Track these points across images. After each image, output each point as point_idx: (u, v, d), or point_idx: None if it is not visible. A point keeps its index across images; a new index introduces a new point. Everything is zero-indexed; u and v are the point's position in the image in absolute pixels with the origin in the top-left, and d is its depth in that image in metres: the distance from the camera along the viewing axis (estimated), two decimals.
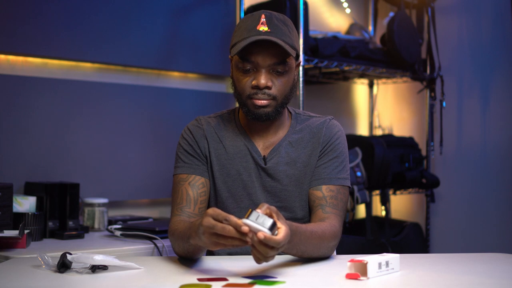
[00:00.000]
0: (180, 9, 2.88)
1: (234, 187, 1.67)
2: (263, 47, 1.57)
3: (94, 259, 1.36)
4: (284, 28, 1.60)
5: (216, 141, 1.70)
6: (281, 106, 1.63)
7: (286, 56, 1.59)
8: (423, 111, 3.56)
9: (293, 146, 1.69)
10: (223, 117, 1.75)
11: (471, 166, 3.41)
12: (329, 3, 3.54)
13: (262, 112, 1.61)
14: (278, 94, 1.61)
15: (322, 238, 1.51)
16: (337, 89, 3.68)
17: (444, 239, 3.48)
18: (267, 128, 1.69)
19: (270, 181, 1.67)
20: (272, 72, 1.60)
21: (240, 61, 1.60)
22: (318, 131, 1.70)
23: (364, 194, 2.93)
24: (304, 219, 1.69)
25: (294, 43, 1.61)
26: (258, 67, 1.59)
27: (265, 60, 1.58)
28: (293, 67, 1.64)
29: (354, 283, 1.27)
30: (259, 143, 1.69)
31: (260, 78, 1.58)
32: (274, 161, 1.67)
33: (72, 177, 2.46)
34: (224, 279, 1.29)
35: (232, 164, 1.67)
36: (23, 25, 2.38)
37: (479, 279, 1.33)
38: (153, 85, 2.82)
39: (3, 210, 2.00)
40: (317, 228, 1.51)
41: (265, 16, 1.59)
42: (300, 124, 1.72)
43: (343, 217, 1.65)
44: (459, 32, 3.49)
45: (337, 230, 1.59)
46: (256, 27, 1.57)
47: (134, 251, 2.04)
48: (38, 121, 2.44)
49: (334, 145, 1.69)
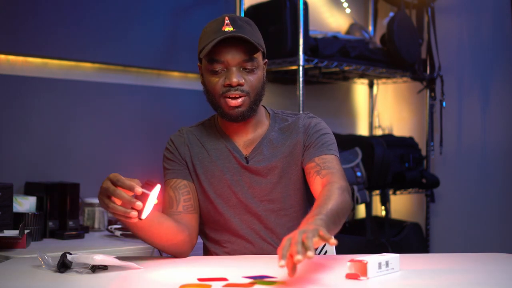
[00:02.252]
0: (180, 9, 2.88)
1: (220, 188, 1.69)
2: (231, 46, 1.60)
3: (94, 259, 1.36)
4: (248, 27, 1.64)
5: (198, 146, 1.73)
6: (254, 103, 1.65)
7: (254, 52, 1.62)
8: (423, 111, 3.56)
9: (273, 143, 1.71)
10: (204, 125, 1.79)
11: (471, 166, 3.41)
12: (329, 3, 3.54)
13: (238, 113, 1.63)
14: (250, 90, 1.63)
15: (341, 199, 1.48)
16: (337, 89, 3.68)
17: (444, 239, 3.48)
18: (245, 127, 1.71)
19: (253, 177, 1.69)
20: (242, 70, 1.62)
21: (209, 64, 1.63)
22: (296, 125, 1.73)
23: (364, 194, 2.93)
24: (291, 208, 1.71)
25: (260, 41, 1.65)
26: (228, 66, 1.61)
27: (235, 58, 1.60)
28: (261, 65, 1.67)
29: (354, 283, 1.27)
30: (240, 143, 1.72)
31: (231, 77, 1.61)
32: (256, 159, 1.69)
33: (72, 177, 2.46)
34: (224, 279, 1.29)
35: (215, 166, 1.70)
36: (23, 25, 2.38)
37: (479, 279, 1.33)
38: (153, 85, 2.82)
39: (3, 210, 2.00)
40: (329, 194, 1.48)
41: (228, 18, 1.63)
42: (279, 124, 1.75)
43: (342, 175, 1.63)
44: (459, 32, 3.49)
45: (342, 185, 1.56)
46: (221, 29, 1.60)
47: (134, 251, 2.04)
48: (38, 121, 2.44)
49: (317, 128, 1.71)
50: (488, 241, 3.29)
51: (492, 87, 3.36)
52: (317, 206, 1.43)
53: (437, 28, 3.35)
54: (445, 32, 3.43)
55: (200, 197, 1.71)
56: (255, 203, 1.69)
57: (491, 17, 3.37)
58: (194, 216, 1.68)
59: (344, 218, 1.49)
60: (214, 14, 2.98)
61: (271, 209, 1.69)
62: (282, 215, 1.70)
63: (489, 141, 3.34)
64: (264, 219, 1.69)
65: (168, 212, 1.65)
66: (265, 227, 1.69)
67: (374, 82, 3.74)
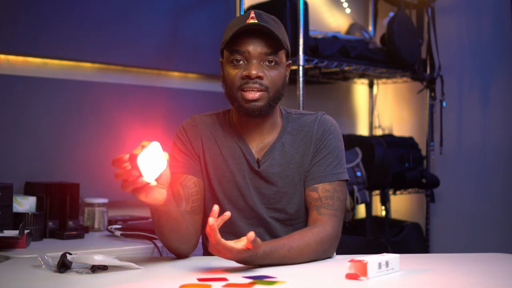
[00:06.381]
0: (180, 9, 2.88)
1: (228, 189, 1.67)
2: (254, 37, 1.57)
3: (94, 259, 1.36)
4: (274, 24, 1.60)
5: (211, 141, 1.69)
6: (273, 100, 1.61)
7: (277, 47, 1.58)
8: (423, 111, 3.56)
9: (286, 147, 1.68)
10: (218, 117, 1.74)
11: (471, 166, 3.41)
12: (329, 3, 3.54)
13: (254, 107, 1.58)
14: (270, 85, 1.59)
15: (304, 250, 1.51)
16: (337, 89, 3.68)
17: (444, 239, 3.48)
18: (260, 128, 1.67)
19: (263, 184, 1.66)
20: (263, 64, 1.58)
21: (230, 54, 1.59)
22: (309, 129, 1.69)
23: (364, 194, 2.93)
24: (298, 219, 1.69)
25: (285, 39, 1.61)
26: (249, 57, 1.57)
27: (256, 49, 1.57)
28: (284, 63, 1.63)
29: (354, 283, 1.27)
30: (253, 145, 1.68)
31: (251, 68, 1.56)
32: (268, 164, 1.66)
33: (72, 177, 2.46)
34: (224, 279, 1.29)
35: (226, 166, 1.67)
36: (23, 25, 2.38)
37: (479, 279, 1.33)
38: (153, 85, 2.82)
39: (3, 210, 2.00)
40: (299, 241, 1.51)
41: (254, 12, 1.60)
42: (291, 124, 1.71)
43: (340, 216, 1.64)
44: (459, 32, 3.49)
45: (330, 233, 1.58)
46: (245, 21, 1.57)
47: (134, 251, 2.04)
48: (38, 121, 2.44)
49: (327, 142, 1.67)
50: (488, 241, 3.29)
51: (492, 87, 3.36)
52: (285, 239, 1.50)
53: (437, 28, 3.35)
54: (445, 32, 3.43)
55: (207, 195, 1.69)
56: (262, 209, 1.67)
57: (491, 17, 3.37)
58: (199, 217, 1.67)
59: (303, 260, 1.52)
60: (214, 14, 2.98)
61: (277, 218, 1.68)
62: (288, 225, 1.68)
63: (489, 141, 3.34)
64: (270, 226, 1.67)
65: None
66: (269, 233, 1.68)
67: (374, 82, 3.74)
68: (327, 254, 1.59)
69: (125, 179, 1.30)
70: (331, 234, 1.58)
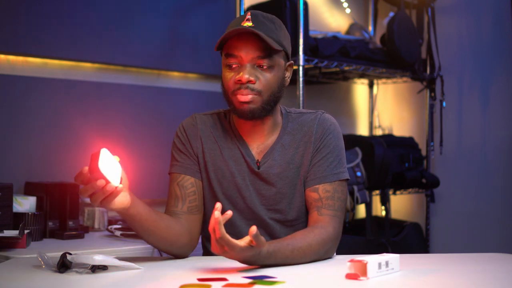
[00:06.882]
0: (180, 9, 2.88)
1: (229, 190, 1.67)
2: (247, 41, 1.56)
3: (94, 259, 1.36)
4: (271, 25, 1.59)
5: (212, 141, 1.69)
6: (267, 103, 1.60)
7: (271, 51, 1.57)
8: (423, 111, 3.56)
9: (285, 148, 1.67)
10: (219, 116, 1.73)
11: (471, 166, 3.41)
12: (329, 3, 3.54)
13: (247, 109, 1.57)
14: (263, 89, 1.57)
15: (307, 251, 1.51)
16: (337, 89, 3.68)
17: (444, 239, 3.48)
18: (260, 129, 1.67)
19: (263, 185, 1.66)
20: (256, 67, 1.57)
21: (225, 58, 1.59)
22: (309, 129, 1.68)
23: (364, 194, 2.93)
24: (298, 220, 1.69)
25: (282, 41, 1.60)
26: (241, 61, 1.57)
27: (248, 54, 1.56)
28: (281, 65, 1.61)
29: (354, 283, 1.27)
30: (253, 146, 1.67)
31: (242, 73, 1.56)
32: (267, 165, 1.66)
33: (72, 177, 2.45)
34: (224, 279, 1.29)
35: (226, 167, 1.66)
36: (23, 25, 2.38)
37: (479, 279, 1.33)
38: (153, 85, 2.82)
39: (3, 210, 2.00)
40: (302, 242, 1.50)
41: (251, 13, 1.59)
42: (291, 123, 1.70)
43: (341, 216, 1.63)
44: (459, 32, 3.49)
45: (331, 234, 1.58)
46: (240, 23, 1.57)
47: (134, 251, 2.04)
48: (38, 121, 2.44)
49: (327, 141, 1.66)
50: (488, 241, 3.29)
51: (492, 87, 3.36)
52: (288, 240, 1.50)
53: (437, 28, 3.35)
54: (445, 32, 3.43)
55: (206, 195, 1.68)
56: (262, 211, 1.66)
57: (491, 17, 3.37)
58: (198, 217, 1.66)
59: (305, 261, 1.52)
60: (214, 14, 2.98)
61: (277, 219, 1.67)
62: (288, 226, 1.68)
63: (489, 141, 3.34)
64: (270, 227, 1.67)
65: (172, 211, 1.63)
66: (269, 234, 1.67)
67: (374, 82, 3.74)
68: (328, 255, 1.59)
69: (95, 191, 1.34)
70: (332, 235, 1.58)
